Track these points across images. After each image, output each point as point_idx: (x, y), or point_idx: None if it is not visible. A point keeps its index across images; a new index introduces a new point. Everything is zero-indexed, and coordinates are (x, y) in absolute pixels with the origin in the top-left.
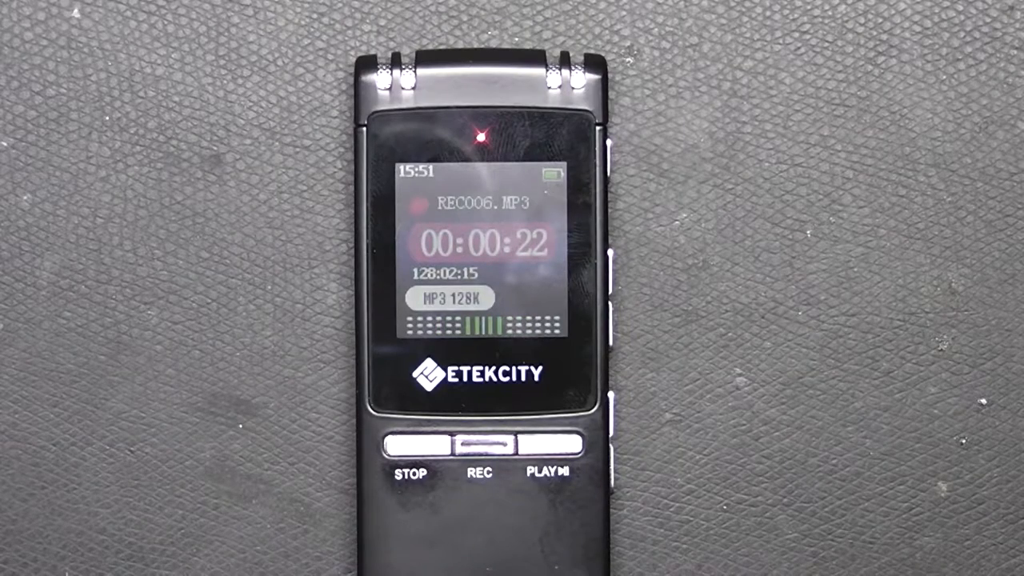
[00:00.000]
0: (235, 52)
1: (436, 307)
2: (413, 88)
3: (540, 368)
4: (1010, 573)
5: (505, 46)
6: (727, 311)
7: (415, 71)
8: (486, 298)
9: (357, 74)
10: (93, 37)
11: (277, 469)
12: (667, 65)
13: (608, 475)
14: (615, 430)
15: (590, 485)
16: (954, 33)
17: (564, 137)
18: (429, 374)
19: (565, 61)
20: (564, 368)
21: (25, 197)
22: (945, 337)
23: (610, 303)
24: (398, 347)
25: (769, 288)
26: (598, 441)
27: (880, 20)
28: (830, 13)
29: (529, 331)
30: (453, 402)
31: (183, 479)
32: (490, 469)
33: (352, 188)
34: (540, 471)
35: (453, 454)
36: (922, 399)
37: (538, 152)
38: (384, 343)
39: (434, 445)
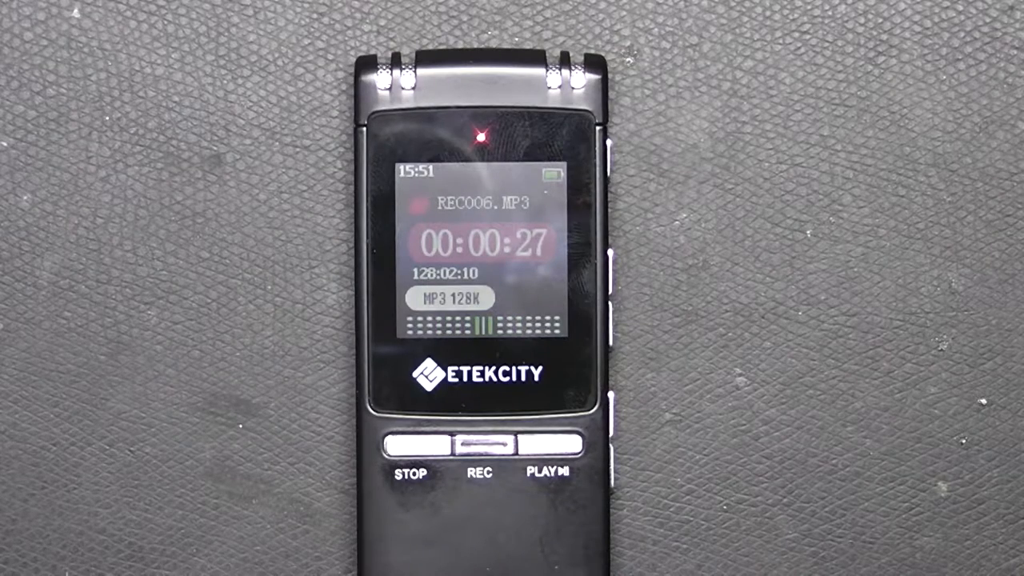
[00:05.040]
0: (235, 52)
1: (436, 307)
2: (413, 88)
3: (540, 368)
4: (1010, 573)
5: (505, 46)
6: (727, 311)
7: (415, 71)
8: (486, 298)
9: (357, 74)
10: (93, 37)
11: (277, 469)
12: (667, 65)
13: (608, 475)
14: (615, 430)
15: (590, 485)
16: (954, 33)
17: (564, 137)
18: (429, 374)
19: (565, 61)
20: (564, 368)
21: (25, 197)
22: (945, 337)
23: (610, 303)
24: (398, 347)
25: (769, 288)
26: (598, 441)
27: (880, 20)
28: (830, 13)
29: (529, 331)
30: (453, 402)
31: (183, 479)
32: (490, 469)
33: (352, 188)
34: (540, 471)
35: (453, 454)
36: (922, 399)
37: (538, 152)
38: (384, 343)
39: (434, 445)
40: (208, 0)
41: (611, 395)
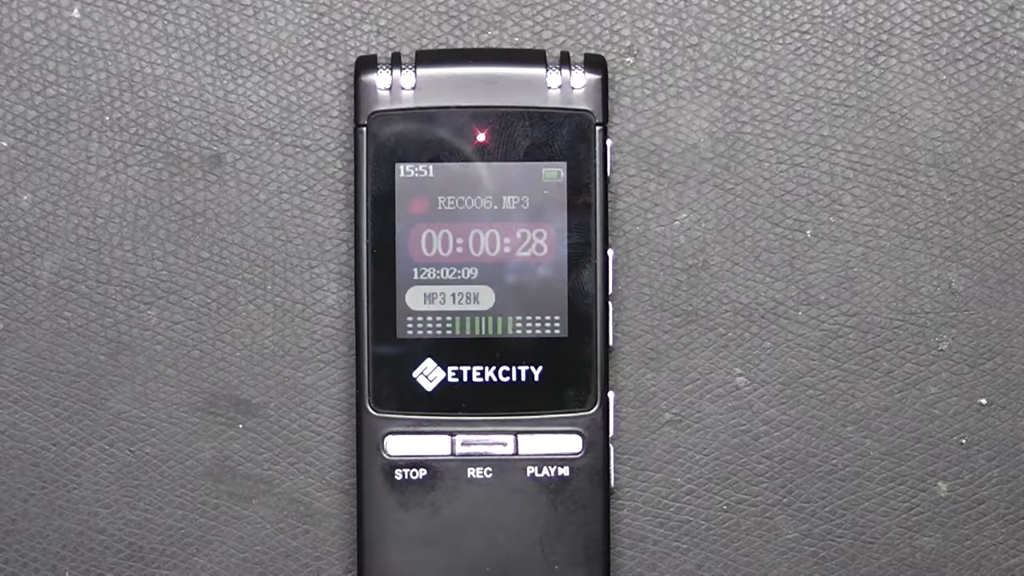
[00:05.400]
0: (235, 52)
1: (436, 307)
2: (413, 88)
3: (540, 368)
4: (1010, 573)
5: (505, 46)
6: (727, 311)
7: (415, 71)
8: (486, 298)
9: (357, 74)
10: (93, 37)
11: (277, 469)
12: (667, 65)
13: (608, 475)
14: (615, 430)
15: (590, 485)
16: (954, 33)
17: (564, 137)
18: (429, 374)
19: (565, 61)
20: (564, 368)
21: (25, 197)
22: (945, 337)
23: (610, 303)
24: (398, 347)
25: (769, 288)
26: (598, 441)
27: (880, 20)
28: (830, 13)
29: (529, 331)
30: (453, 402)
31: (183, 479)
32: (490, 469)
33: (352, 188)
34: (540, 471)
35: (453, 454)
36: (922, 399)
37: (538, 152)
38: (384, 343)
39: (434, 445)
40: (208, 0)
41: (611, 395)
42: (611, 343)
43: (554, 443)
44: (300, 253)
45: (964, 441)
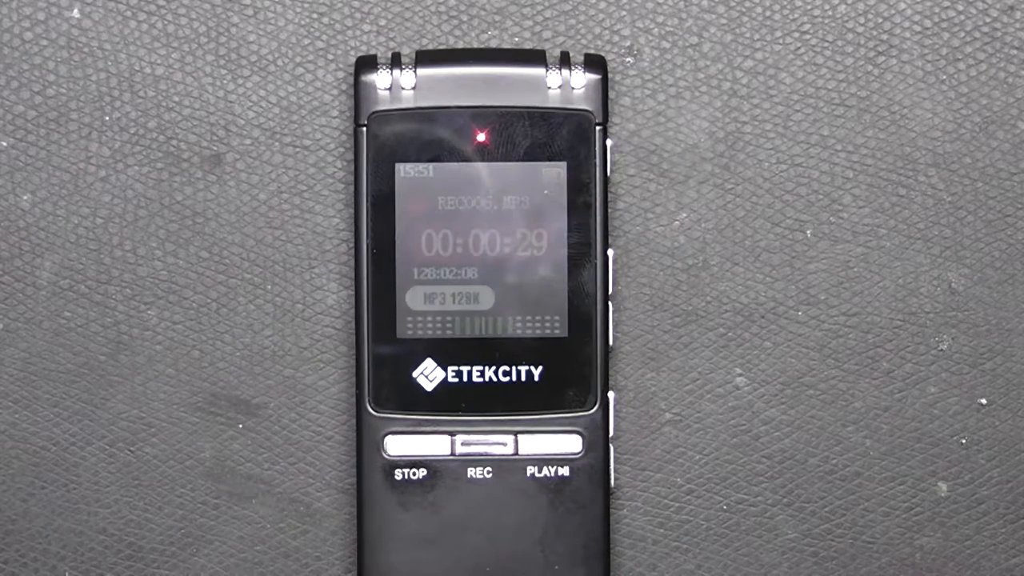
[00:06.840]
0: (235, 52)
1: (436, 307)
2: (413, 88)
3: (540, 368)
4: (1010, 573)
5: (505, 46)
6: (727, 311)
7: (415, 71)
8: (486, 298)
9: (357, 74)
10: (93, 37)
11: (277, 469)
12: (667, 65)
13: (608, 475)
14: (615, 430)
15: (590, 485)
16: (954, 33)
17: (564, 137)
18: (429, 374)
19: (565, 61)
20: (564, 368)
21: (25, 197)
22: (945, 337)
23: (610, 303)
24: (398, 347)
25: (769, 288)
26: (598, 441)
27: (880, 20)
28: (830, 13)
29: (529, 331)
30: (453, 402)
31: (183, 479)
32: (490, 469)
33: (352, 188)
34: (540, 471)
35: (453, 454)
36: (922, 399)
37: (538, 152)
38: (384, 343)
39: (434, 445)
40: (208, 0)
41: (611, 395)
42: (611, 343)
43: (554, 443)
44: (300, 253)
45: (964, 441)
